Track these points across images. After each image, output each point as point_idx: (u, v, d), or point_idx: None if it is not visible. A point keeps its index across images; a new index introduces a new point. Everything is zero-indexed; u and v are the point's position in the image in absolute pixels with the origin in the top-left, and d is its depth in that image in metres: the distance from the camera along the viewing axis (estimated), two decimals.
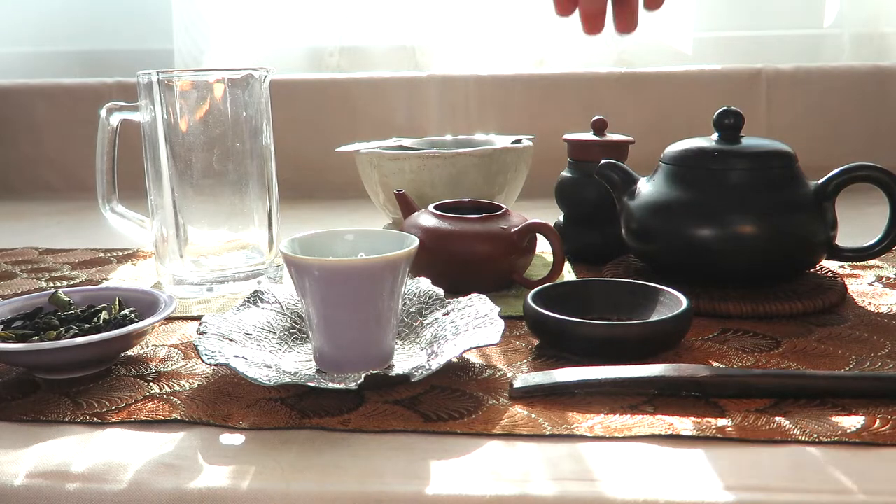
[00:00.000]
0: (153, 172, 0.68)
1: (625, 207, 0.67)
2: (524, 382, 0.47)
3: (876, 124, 1.24)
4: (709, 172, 0.63)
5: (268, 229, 0.72)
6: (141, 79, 0.67)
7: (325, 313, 0.50)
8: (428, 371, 0.46)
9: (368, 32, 1.37)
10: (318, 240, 0.55)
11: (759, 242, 0.60)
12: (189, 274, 0.69)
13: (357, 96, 1.29)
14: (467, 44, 1.36)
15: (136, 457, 0.41)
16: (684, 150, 0.65)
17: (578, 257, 0.77)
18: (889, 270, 0.73)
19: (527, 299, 0.56)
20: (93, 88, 1.32)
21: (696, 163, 0.64)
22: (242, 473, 0.40)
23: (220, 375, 0.51)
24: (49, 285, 0.75)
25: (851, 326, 0.58)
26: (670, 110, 1.25)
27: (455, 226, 0.66)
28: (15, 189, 1.32)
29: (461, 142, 0.94)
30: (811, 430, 0.42)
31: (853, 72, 1.25)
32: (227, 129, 0.68)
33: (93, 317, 0.55)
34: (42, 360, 0.50)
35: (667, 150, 0.67)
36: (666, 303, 0.56)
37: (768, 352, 0.54)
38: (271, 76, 0.70)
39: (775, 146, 0.64)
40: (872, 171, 0.62)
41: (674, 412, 0.45)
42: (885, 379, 0.46)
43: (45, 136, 1.33)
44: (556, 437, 0.43)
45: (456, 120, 1.26)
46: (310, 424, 0.44)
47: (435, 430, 0.43)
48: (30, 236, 0.98)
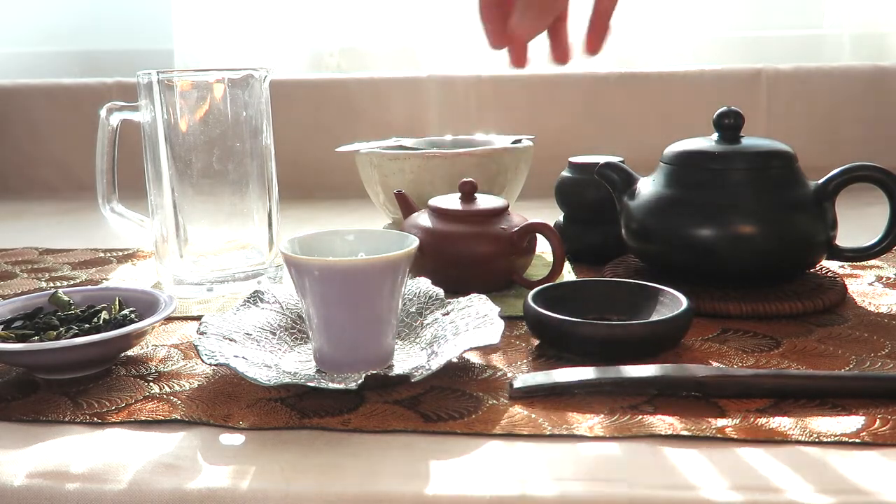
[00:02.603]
0: (153, 172, 0.68)
1: (625, 207, 0.67)
2: (524, 382, 0.47)
3: (876, 124, 1.24)
4: (709, 172, 0.63)
5: (268, 229, 0.72)
6: (141, 79, 0.67)
7: (325, 313, 0.50)
8: (428, 371, 0.46)
9: (368, 33, 1.37)
10: (318, 240, 0.55)
11: (759, 242, 0.60)
12: (189, 274, 0.69)
13: (357, 96, 1.29)
14: (467, 44, 1.36)
15: (136, 457, 0.41)
16: (684, 150, 0.65)
17: (578, 257, 0.77)
18: (889, 270, 0.73)
19: (527, 299, 0.56)
20: (93, 88, 1.32)
21: (696, 163, 0.64)
22: (242, 473, 0.40)
23: (220, 375, 0.51)
24: (49, 285, 0.75)
25: (851, 326, 0.58)
26: (670, 110, 1.25)
27: (455, 226, 0.66)
28: (15, 189, 1.32)
29: (461, 142, 0.94)
30: (811, 430, 0.42)
31: (853, 72, 1.25)
32: (227, 129, 0.68)
33: (93, 317, 0.55)
34: (42, 360, 0.50)
35: (667, 150, 0.67)
36: (666, 303, 0.56)
37: (768, 352, 0.54)
38: (271, 76, 0.70)
39: (775, 146, 0.64)
40: (872, 171, 0.62)
41: (674, 412, 0.45)
42: (885, 379, 0.47)
43: (45, 136, 1.33)
44: (556, 437, 0.43)
45: (456, 120, 1.26)
46: (310, 424, 0.44)
47: (435, 430, 0.43)
48: (30, 236, 0.98)
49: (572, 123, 1.26)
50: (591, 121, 1.26)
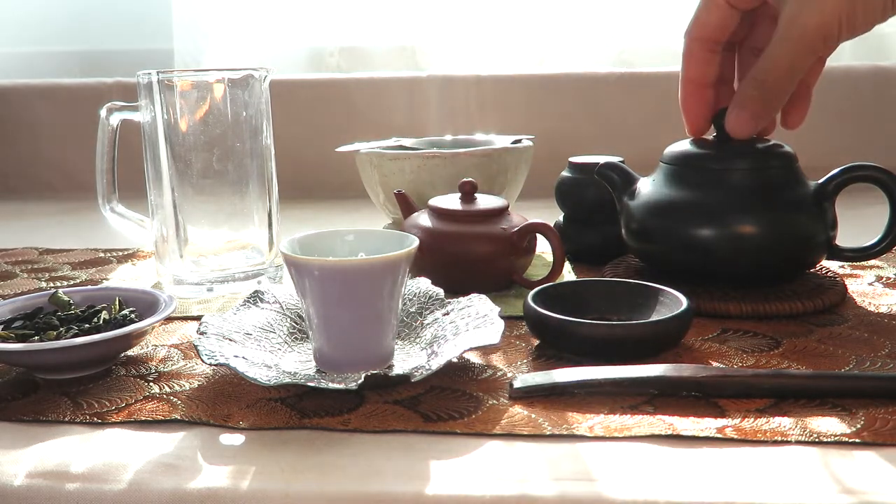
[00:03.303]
0: (153, 172, 0.68)
1: (625, 207, 0.67)
2: (524, 382, 0.47)
3: (876, 124, 1.24)
4: (709, 172, 0.63)
5: (268, 229, 0.72)
6: (141, 79, 0.67)
7: (325, 313, 0.50)
8: (428, 371, 0.46)
9: (368, 32, 1.37)
10: (318, 240, 0.55)
11: (759, 242, 0.60)
12: (189, 274, 0.69)
13: (357, 96, 1.29)
14: (467, 44, 1.36)
15: (136, 457, 0.41)
16: (684, 150, 0.65)
17: (578, 257, 0.77)
18: (889, 270, 0.73)
19: (527, 299, 0.56)
20: (93, 88, 1.32)
21: (696, 163, 0.64)
22: (242, 473, 0.40)
23: (220, 375, 0.51)
24: (49, 285, 0.75)
25: (851, 326, 0.58)
26: (670, 110, 1.24)
27: (455, 226, 0.66)
28: (15, 189, 1.32)
29: (461, 142, 0.94)
30: (811, 430, 0.42)
31: (853, 72, 1.25)
32: (227, 129, 0.68)
33: (93, 317, 0.55)
34: (42, 360, 0.50)
35: (667, 150, 0.67)
36: (666, 303, 0.56)
37: (768, 352, 0.54)
38: (271, 76, 0.70)
39: (775, 146, 0.64)
40: (872, 171, 0.62)
41: (674, 412, 0.45)
42: (885, 379, 0.47)
43: (45, 136, 1.33)
44: (556, 437, 0.43)
45: (456, 120, 1.26)
46: (310, 424, 0.44)
47: (435, 430, 0.43)
48: (30, 236, 0.98)
49: (572, 123, 1.26)
50: (591, 121, 1.26)
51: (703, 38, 0.63)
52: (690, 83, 0.64)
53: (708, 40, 0.63)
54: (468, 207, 0.68)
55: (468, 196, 0.69)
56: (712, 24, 0.62)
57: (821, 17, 0.54)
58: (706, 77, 0.64)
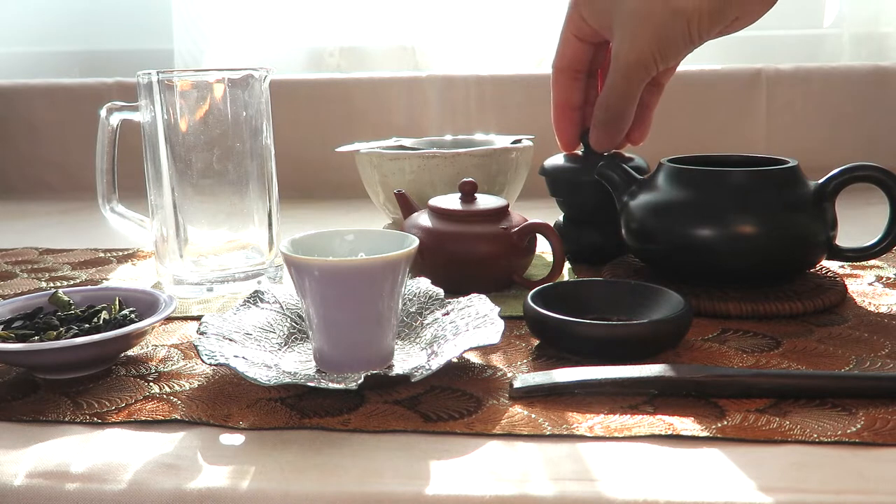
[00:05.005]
0: (153, 172, 0.68)
1: (625, 207, 0.67)
2: (524, 382, 0.47)
3: (876, 124, 1.24)
4: (709, 172, 0.63)
5: (268, 229, 0.72)
6: (141, 79, 0.67)
7: (325, 313, 0.50)
8: (428, 371, 0.46)
9: (368, 32, 1.37)
10: (318, 240, 0.55)
11: (759, 242, 0.60)
12: (189, 274, 0.69)
13: (357, 96, 1.29)
14: (467, 44, 1.36)
15: (136, 457, 0.41)
16: (560, 163, 0.66)
17: (578, 257, 0.76)
18: (889, 270, 0.73)
19: (527, 299, 0.56)
20: (93, 88, 1.32)
21: (696, 163, 0.64)
22: (242, 473, 0.40)
23: (220, 375, 0.51)
24: (49, 285, 0.75)
25: (851, 326, 0.58)
26: (670, 110, 1.24)
27: (455, 226, 0.66)
28: (15, 189, 1.32)
29: (461, 142, 0.94)
30: (811, 430, 0.42)
31: (853, 72, 1.25)
32: (227, 129, 0.68)
33: (93, 317, 0.55)
34: (42, 360, 0.50)
35: (545, 163, 0.68)
36: (666, 303, 0.56)
37: (768, 352, 0.54)
38: (271, 76, 0.70)
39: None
40: (872, 171, 0.61)
41: (674, 412, 0.45)
42: (885, 379, 0.47)
43: (45, 136, 1.33)
44: (556, 437, 0.43)
45: (456, 120, 1.26)
46: (310, 424, 0.44)
47: (435, 430, 0.43)
48: (30, 236, 0.98)
49: None
50: None
51: (564, 68, 0.71)
52: (558, 107, 0.73)
53: (568, 69, 0.71)
54: (468, 207, 0.68)
55: (468, 196, 0.69)
56: (569, 56, 0.70)
57: (639, 53, 0.63)
58: (571, 101, 0.72)
